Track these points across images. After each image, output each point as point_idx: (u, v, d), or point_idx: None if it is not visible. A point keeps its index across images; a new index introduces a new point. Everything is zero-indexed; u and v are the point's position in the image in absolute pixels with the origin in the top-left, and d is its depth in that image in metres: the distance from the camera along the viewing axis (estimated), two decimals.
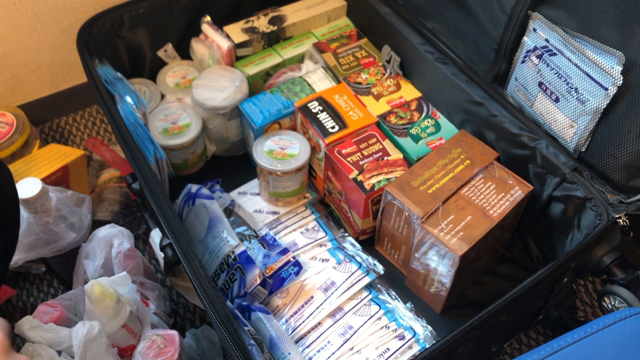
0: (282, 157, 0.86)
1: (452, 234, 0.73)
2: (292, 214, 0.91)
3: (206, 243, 0.85)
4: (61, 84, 1.18)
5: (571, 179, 0.75)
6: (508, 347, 0.90)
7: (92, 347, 0.66)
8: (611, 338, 0.45)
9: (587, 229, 0.74)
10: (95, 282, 0.69)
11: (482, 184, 0.78)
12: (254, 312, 0.76)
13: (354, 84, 0.96)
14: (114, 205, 1.00)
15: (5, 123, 1.00)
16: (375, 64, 1.00)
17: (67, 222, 0.86)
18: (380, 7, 0.98)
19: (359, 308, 0.80)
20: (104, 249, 0.83)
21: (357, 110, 0.90)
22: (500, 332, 0.78)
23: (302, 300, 0.80)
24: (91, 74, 0.87)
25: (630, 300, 0.69)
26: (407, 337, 0.77)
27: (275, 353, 0.73)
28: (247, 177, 0.97)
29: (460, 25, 0.88)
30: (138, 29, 0.97)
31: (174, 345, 0.73)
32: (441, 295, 0.80)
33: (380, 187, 0.81)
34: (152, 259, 1.00)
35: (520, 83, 0.81)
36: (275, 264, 0.80)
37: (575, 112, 0.73)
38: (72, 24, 1.09)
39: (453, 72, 0.87)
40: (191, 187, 0.91)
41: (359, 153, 0.85)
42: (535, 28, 0.75)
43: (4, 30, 1.04)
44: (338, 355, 0.76)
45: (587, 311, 0.95)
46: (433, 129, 0.90)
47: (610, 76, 0.67)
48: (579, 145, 0.75)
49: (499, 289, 0.87)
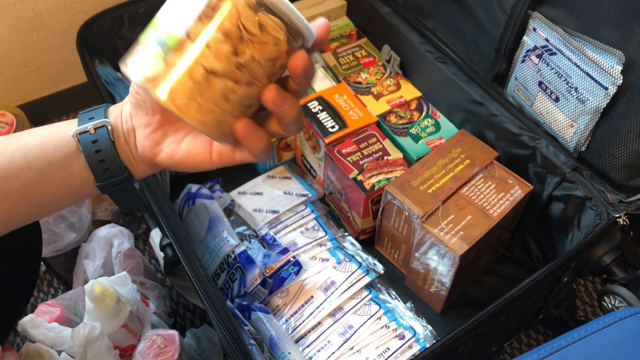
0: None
1: (452, 233, 0.73)
2: (292, 212, 0.91)
3: (206, 243, 0.85)
4: (61, 84, 1.18)
5: (571, 179, 0.75)
6: (508, 346, 0.90)
7: (93, 349, 0.66)
8: (611, 337, 0.45)
9: (587, 228, 0.74)
10: (95, 282, 0.69)
11: (482, 184, 0.78)
12: (254, 312, 0.76)
13: (353, 84, 0.96)
14: (114, 205, 1.00)
15: (5, 123, 1.00)
16: (375, 63, 1.00)
17: (67, 222, 0.86)
18: (380, 7, 0.97)
19: (359, 308, 0.80)
20: (104, 249, 0.83)
21: (357, 109, 0.90)
22: (500, 331, 0.78)
23: (302, 300, 0.80)
24: (91, 74, 0.87)
25: (631, 300, 0.69)
26: (407, 337, 0.77)
27: (275, 353, 0.73)
28: (247, 177, 0.97)
29: (460, 24, 0.88)
30: (138, 29, 0.97)
31: (174, 345, 0.73)
32: (441, 294, 0.80)
33: (380, 187, 0.81)
34: (152, 258, 1.00)
35: (520, 82, 0.81)
36: (275, 263, 0.80)
37: (575, 112, 0.73)
38: (72, 24, 1.09)
39: (453, 71, 0.87)
40: (191, 187, 0.91)
41: (359, 153, 0.85)
42: (535, 27, 0.75)
43: (4, 30, 1.04)
44: (338, 354, 0.76)
45: (587, 311, 0.95)
46: (433, 129, 0.90)
47: (610, 76, 0.67)
48: (579, 145, 0.75)
49: (499, 288, 0.87)
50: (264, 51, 0.38)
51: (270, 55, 0.39)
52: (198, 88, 0.39)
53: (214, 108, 0.39)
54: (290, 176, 0.97)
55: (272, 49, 0.39)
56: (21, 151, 0.44)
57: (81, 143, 0.45)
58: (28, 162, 0.44)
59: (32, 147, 0.45)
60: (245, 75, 0.39)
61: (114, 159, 0.45)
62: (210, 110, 0.39)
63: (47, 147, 0.45)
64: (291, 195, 0.93)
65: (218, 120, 0.40)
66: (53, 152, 0.45)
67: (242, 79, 0.39)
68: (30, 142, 0.45)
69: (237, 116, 0.41)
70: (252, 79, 0.39)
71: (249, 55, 0.38)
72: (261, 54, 0.38)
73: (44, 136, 0.45)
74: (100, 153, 0.45)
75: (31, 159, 0.44)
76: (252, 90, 0.40)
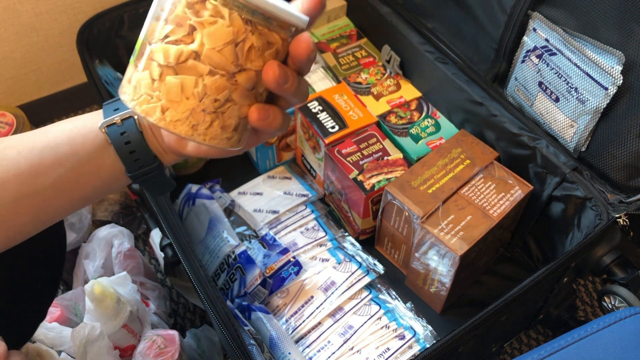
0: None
1: (452, 233, 0.73)
2: (292, 213, 0.91)
3: (206, 243, 0.85)
4: (61, 84, 1.18)
5: (571, 179, 0.75)
6: (508, 346, 0.90)
7: (93, 349, 0.67)
8: (611, 338, 0.45)
9: (587, 228, 0.74)
10: (95, 282, 0.69)
11: (482, 184, 0.78)
12: (254, 312, 0.76)
13: (353, 84, 0.96)
14: (114, 205, 1.00)
15: (5, 123, 1.00)
16: (375, 63, 1.00)
17: (67, 222, 0.86)
18: (380, 7, 0.97)
19: (359, 308, 0.80)
20: (104, 249, 0.83)
21: (357, 110, 0.90)
22: (501, 331, 0.78)
23: (302, 300, 0.80)
24: (91, 74, 0.87)
25: (631, 300, 0.69)
26: (407, 337, 0.77)
27: (275, 353, 0.73)
28: (247, 177, 0.97)
29: (460, 24, 0.88)
30: (138, 28, 0.97)
31: (174, 345, 0.73)
32: (441, 294, 0.80)
33: (380, 187, 0.81)
34: (152, 259, 1.00)
35: (520, 83, 0.81)
36: (276, 263, 0.80)
37: (575, 112, 0.73)
38: (72, 24, 1.09)
39: (453, 71, 0.87)
40: (191, 187, 0.91)
41: (359, 153, 0.85)
42: (535, 28, 0.75)
43: (4, 30, 1.04)
44: (338, 355, 0.76)
45: (587, 311, 0.95)
46: (433, 129, 0.90)
47: (610, 76, 0.67)
48: (579, 145, 0.75)
49: (499, 288, 0.87)
50: (214, 35, 0.36)
51: (225, 39, 0.36)
52: (159, 87, 0.37)
53: (197, 111, 0.38)
54: (290, 176, 0.97)
55: (224, 31, 0.36)
56: (50, 147, 0.44)
57: (110, 136, 0.45)
58: (58, 158, 0.44)
59: (61, 143, 0.45)
60: (203, 65, 0.37)
61: (144, 149, 0.45)
62: (190, 111, 0.38)
63: (76, 142, 0.45)
64: (291, 196, 0.93)
65: (198, 118, 0.38)
66: (82, 146, 0.45)
67: (202, 69, 0.37)
68: (58, 138, 0.45)
69: (212, 117, 0.39)
70: (212, 67, 0.37)
71: (199, 42, 0.36)
72: (212, 38, 0.36)
73: (72, 131, 0.45)
74: (130, 145, 0.45)
75: (61, 154, 0.44)
76: (220, 80, 0.37)
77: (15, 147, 0.44)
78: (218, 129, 0.39)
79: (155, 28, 0.37)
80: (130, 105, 0.39)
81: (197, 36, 0.36)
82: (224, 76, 0.37)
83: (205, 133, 0.39)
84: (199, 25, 0.36)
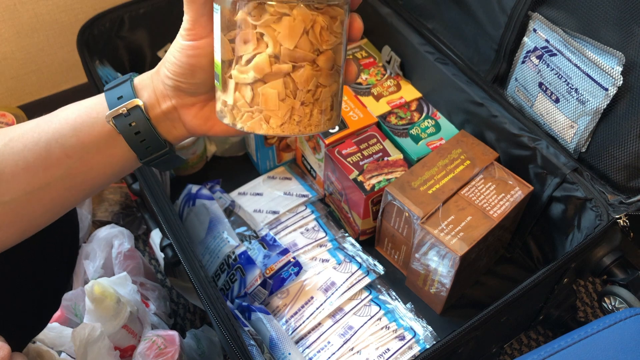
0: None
1: (453, 234, 0.73)
2: (292, 213, 0.91)
3: (206, 243, 0.85)
4: (61, 84, 1.18)
5: (571, 180, 0.75)
6: (508, 347, 0.90)
7: (93, 349, 0.67)
8: (611, 339, 0.45)
9: (587, 229, 0.74)
10: (95, 282, 0.69)
11: (482, 185, 0.78)
12: (254, 313, 0.76)
13: (354, 85, 0.96)
14: (114, 206, 1.00)
15: (5, 123, 1.00)
16: (375, 64, 1.00)
17: None
18: (380, 8, 0.98)
19: (359, 308, 0.80)
20: (104, 250, 0.83)
21: (357, 110, 0.90)
22: (501, 332, 0.78)
23: (303, 301, 0.80)
24: (91, 74, 0.87)
25: (631, 301, 0.69)
26: (407, 338, 0.77)
27: (275, 353, 0.73)
28: (247, 177, 0.97)
29: (460, 25, 0.88)
30: (138, 29, 0.97)
31: (174, 345, 0.73)
32: (441, 295, 0.80)
33: (381, 188, 0.81)
34: (152, 259, 1.00)
35: (520, 83, 0.81)
36: (276, 264, 0.80)
37: (576, 113, 0.73)
38: (72, 24, 1.09)
39: (453, 72, 0.87)
40: (191, 188, 0.91)
41: (359, 153, 0.85)
42: (536, 28, 0.75)
43: (5, 30, 1.04)
44: (338, 355, 0.76)
45: (587, 312, 0.95)
46: (433, 130, 0.90)
47: (610, 76, 0.67)
48: (579, 146, 0.75)
49: (499, 289, 0.87)
50: (288, 33, 0.38)
51: (298, 31, 0.39)
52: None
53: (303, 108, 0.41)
54: (290, 177, 0.97)
55: (295, 25, 0.38)
56: (56, 139, 0.44)
57: (118, 127, 0.45)
58: (66, 151, 0.44)
59: (67, 135, 0.44)
60: (286, 64, 0.39)
61: (154, 136, 0.46)
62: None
63: (82, 133, 0.45)
64: (291, 196, 0.93)
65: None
66: (89, 137, 0.45)
67: (286, 68, 0.39)
68: (63, 129, 0.44)
69: (310, 107, 0.41)
70: (294, 62, 0.39)
71: (273, 45, 0.39)
72: (287, 36, 0.38)
73: (76, 120, 0.45)
74: (140, 134, 0.45)
75: (68, 147, 0.44)
76: (305, 71, 0.40)
77: (20, 140, 0.44)
78: (318, 116, 0.42)
79: (228, 49, 0.39)
80: (238, 127, 0.41)
81: (269, 40, 0.38)
82: (308, 66, 0.40)
83: (309, 124, 0.41)
84: (266, 30, 0.38)
